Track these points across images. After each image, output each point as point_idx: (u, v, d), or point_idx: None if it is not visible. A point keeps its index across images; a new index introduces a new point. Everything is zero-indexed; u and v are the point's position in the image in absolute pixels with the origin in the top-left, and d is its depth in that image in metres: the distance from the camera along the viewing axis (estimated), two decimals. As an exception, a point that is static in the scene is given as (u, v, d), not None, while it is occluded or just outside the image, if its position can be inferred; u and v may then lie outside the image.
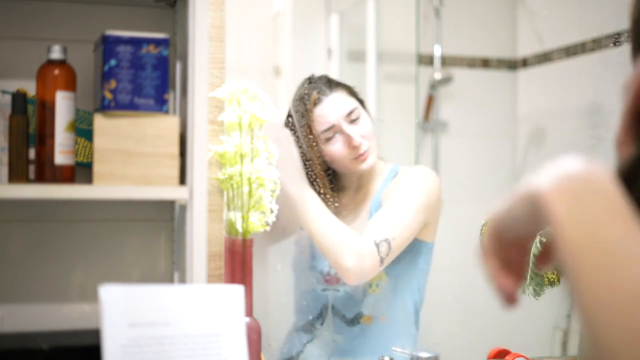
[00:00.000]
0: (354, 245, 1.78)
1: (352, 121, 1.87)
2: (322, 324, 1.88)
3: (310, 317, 1.89)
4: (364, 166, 1.88)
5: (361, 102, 1.93)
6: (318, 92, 1.87)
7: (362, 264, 1.77)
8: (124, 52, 1.35)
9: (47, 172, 1.39)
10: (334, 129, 1.86)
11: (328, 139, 1.87)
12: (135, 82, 1.36)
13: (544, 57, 2.70)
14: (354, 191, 1.95)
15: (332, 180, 1.93)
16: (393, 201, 1.87)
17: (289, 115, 1.89)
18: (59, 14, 1.54)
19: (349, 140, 1.86)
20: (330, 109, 1.87)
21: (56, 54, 1.40)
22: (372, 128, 1.90)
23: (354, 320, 1.88)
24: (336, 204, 1.93)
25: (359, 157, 1.87)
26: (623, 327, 0.56)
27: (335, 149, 1.87)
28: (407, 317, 1.94)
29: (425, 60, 2.67)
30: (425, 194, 1.89)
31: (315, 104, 1.87)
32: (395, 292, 1.91)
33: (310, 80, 1.92)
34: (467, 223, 1.96)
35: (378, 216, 1.84)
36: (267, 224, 1.53)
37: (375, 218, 1.84)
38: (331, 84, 1.90)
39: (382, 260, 1.78)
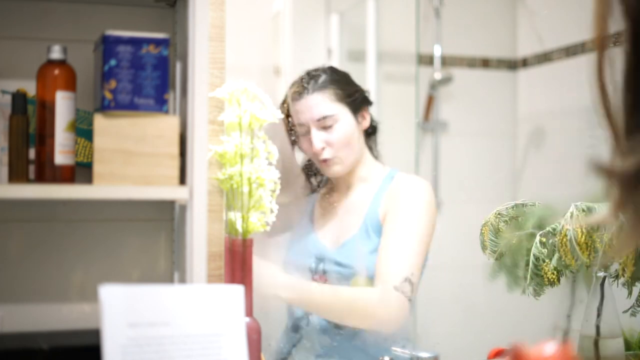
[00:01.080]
0: (376, 299, 1.76)
1: (324, 128, 1.87)
2: (307, 324, 1.87)
3: (296, 316, 1.88)
4: (329, 172, 1.90)
5: (357, 106, 1.90)
6: (298, 88, 1.88)
7: (392, 313, 1.75)
8: (124, 52, 1.35)
9: (47, 172, 1.39)
10: (305, 127, 1.88)
11: (302, 134, 1.89)
12: (135, 82, 1.36)
13: (544, 57, 2.70)
14: (346, 189, 1.95)
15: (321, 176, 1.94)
16: (398, 233, 1.83)
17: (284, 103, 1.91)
18: (59, 14, 1.54)
19: (310, 144, 1.87)
20: (304, 108, 1.88)
21: (56, 54, 1.40)
22: (347, 138, 1.87)
23: (337, 324, 1.87)
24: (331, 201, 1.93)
25: (321, 163, 1.88)
26: None
27: (305, 144, 1.90)
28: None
29: (425, 60, 2.67)
30: (428, 216, 1.86)
31: (292, 99, 1.89)
32: None
33: (310, 73, 1.91)
34: (467, 223, 1.97)
35: (387, 255, 1.80)
36: (267, 224, 1.53)
37: (384, 258, 1.80)
38: (322, 82, 1.88)
39: (409, 299, 1.76)
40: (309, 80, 1.88)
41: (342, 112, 1.88)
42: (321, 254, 1.88)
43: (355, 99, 1.91)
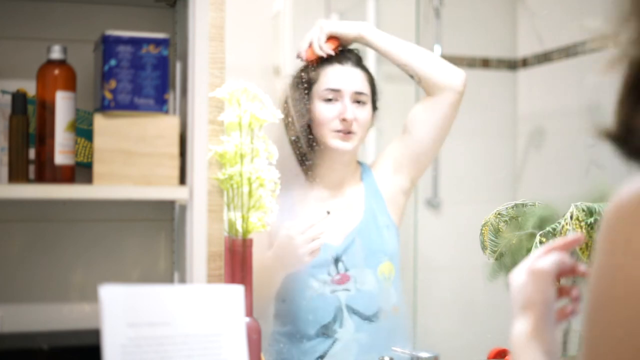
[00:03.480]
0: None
1: (356, 102, 1.88)
2: (340, 326, 1.85)
3: (325, 322, 1.85)
4: (339, 145, 1.87)
5: (374, 100, 1.94)
6: (343, 58, 1.89)
7: (461, 73, 1.96)
8: (124, 52, 1.35)
9: (47, 172, 1.39)
10: (336, 94, 1.87)
11: (326, 100, 1.87)
12: (135, 82, 1.36)
13: (544, 57, 2.70)
14: (338, 186, 1.94)
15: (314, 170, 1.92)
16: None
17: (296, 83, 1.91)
18: (59, 14, 1.54)
19: (343, 110, 1.86)
20: (346, 76, 1.88)
21: (56, 54, 1.40)
22: (368, 123, 1.91)
23: (374, 316, 1.88)
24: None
25: (340, 132, 1.86)
26: None
27: (326, 110, 1.87)
28: (407, 307, 1.97)
29: (425, 60, 2.66)
30: None
31: (328, 62, 1.89)
32: (399, 284, 1.93)
33: (349, 49, 1.93)
34: (467, 223, 1.97)
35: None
36: (267, 224, 1.53)
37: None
38: (362, 64, 1.92)
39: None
40: (351, 55, 1.91)
41: (369, 99, 1.92)
42: (335, 253, 1.87)
43: (375, 98, 1.95)
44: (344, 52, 1.90)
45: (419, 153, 1.95)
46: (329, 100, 1.87)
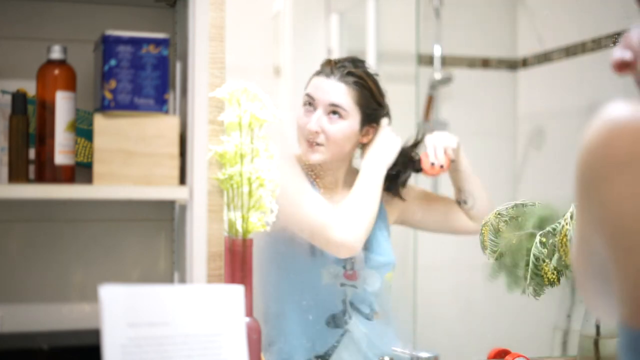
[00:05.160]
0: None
1: (330, 113, 1.86)
2: (350, 317, 1.86)
3: (333, 312, 1.85)
4: (308, 156, 1.87)
5: (369, 118, 1.89)
6: (329, 68, 1.88)
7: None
8: (124, 52, 1.35)
9: (47, 172, 1.39)
10: (311, 101, 1.87)
11: (305, 105, 1.88)
12: (135, 82, 1.36)
13: (544, 57, 2.70)
14: (335, 190, 1.93)
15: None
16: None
17: None
18: (59, 14, 1.54)
19: (308, 121, 1.86)
20: (324, 87, 1.87)
21: (56, 54, 1.40)
22: (343, 139, 1.87)
23: (370, 316, 1.88)
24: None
25: (304, 141, 1.87)
26: None
27: (302, 116, 1.88)
28: (406, 310, 1.98)
29: (425, 60, 2.67)
30: None
31: (318, 73, 1.89)
32: (397, 286, 1.93)
33: (348, 62, 1.91)
34: (467, 223, 1.96)
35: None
36: (267, 224, 1.53)
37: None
38: (351, 79, 1.87)
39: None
40: (343, 68, 1.88)
41: (353, 114, 1.87)
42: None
43: (371, 113, 1.90)
44: (338, 64, 1.89)
45: (413, 223, 2.04)
46: (308, 106, 1.87)
